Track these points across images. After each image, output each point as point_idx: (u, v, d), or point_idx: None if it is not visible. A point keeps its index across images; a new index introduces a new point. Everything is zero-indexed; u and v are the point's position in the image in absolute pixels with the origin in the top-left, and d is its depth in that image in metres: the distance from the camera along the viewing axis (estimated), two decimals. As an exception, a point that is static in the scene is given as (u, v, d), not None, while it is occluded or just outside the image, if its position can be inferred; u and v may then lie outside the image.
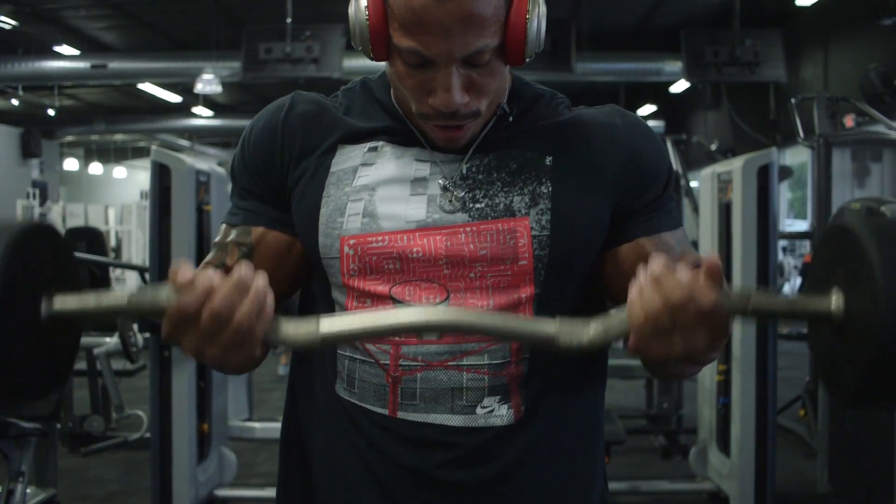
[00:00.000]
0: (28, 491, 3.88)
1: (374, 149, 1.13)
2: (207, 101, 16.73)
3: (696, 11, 12.68)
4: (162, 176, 3.40)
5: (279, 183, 1.15)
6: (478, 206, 1.08)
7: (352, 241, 1.08)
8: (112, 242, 11.47)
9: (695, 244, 4.46)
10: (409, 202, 1.08)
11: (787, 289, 11.92)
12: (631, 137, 1.14)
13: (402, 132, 1.13)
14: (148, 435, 4.13)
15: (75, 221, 12.03)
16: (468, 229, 1.07)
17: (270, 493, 4.22)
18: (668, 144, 5.33)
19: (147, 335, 3.45)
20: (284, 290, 1.19)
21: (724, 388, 3.78)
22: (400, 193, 1.09)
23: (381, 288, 1.07)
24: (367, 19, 1.00)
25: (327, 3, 11.51)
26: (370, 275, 1.08)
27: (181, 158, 3.45)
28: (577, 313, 1.07)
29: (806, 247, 11.26)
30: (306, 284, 1.20)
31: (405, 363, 1.07)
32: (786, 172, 9.45)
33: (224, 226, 1.19)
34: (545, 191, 1.09)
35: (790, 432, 5.23)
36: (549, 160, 1.11)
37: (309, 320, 0.95)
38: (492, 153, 1.11)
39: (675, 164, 5.18)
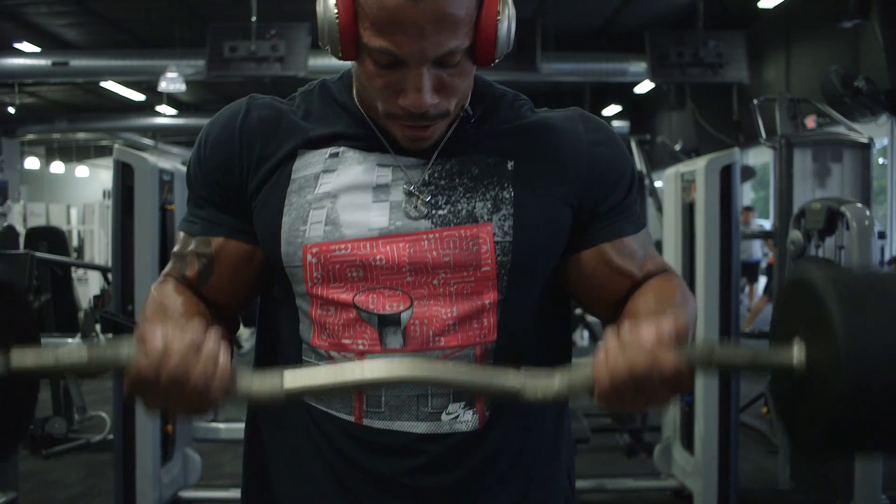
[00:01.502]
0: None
1: (336, 154, 1.11)
2: (171, 99, 16.58)
3: (661, 13, 12.78)
4: (125, 175, 3.37)
5: (238, 191, 1.13)
6: (440, 212, 1.08)
7: (314, 250, 1.07)
8: (74, 242, 11.35)
9: (658, 244, 4.50)
10: (372, 209, 1.08)
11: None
12: (593, 142, 1.14)
13: (364, 136, 1.12)
14: (111, 437, 4.09)
15: (37, 221, 11.88)
16: (431, 236, 1.07)
17: (235, 493, 4.19)
18: (633, 144, 5.38)
19: (110, 335, 3.40)
20: (246, 297, 1.19)
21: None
22: (362, 200, 1.08)
23: (345, 296, 1.07)
24: (336, 18, 0.98)
25: (292, 1, 11.48)
26: (333, 282, 1.07)
27: (144, 157, 3.41)
28: (541, 317, 1.08)
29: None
30: (267, 289, 1.19)
31: None
32: (749, 173, 9.57)
33: (182, 234, 1.18)
34: (507, 196, 1.09)
35: (753, 429, 5.30)
36: (510, 165, 1.11)
37: (273, 375, 0.94)
38: (454, 158, 1.11)
39: (640, 164, 5.23)
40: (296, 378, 0.93)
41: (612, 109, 18.28)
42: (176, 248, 1.18)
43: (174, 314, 1.08)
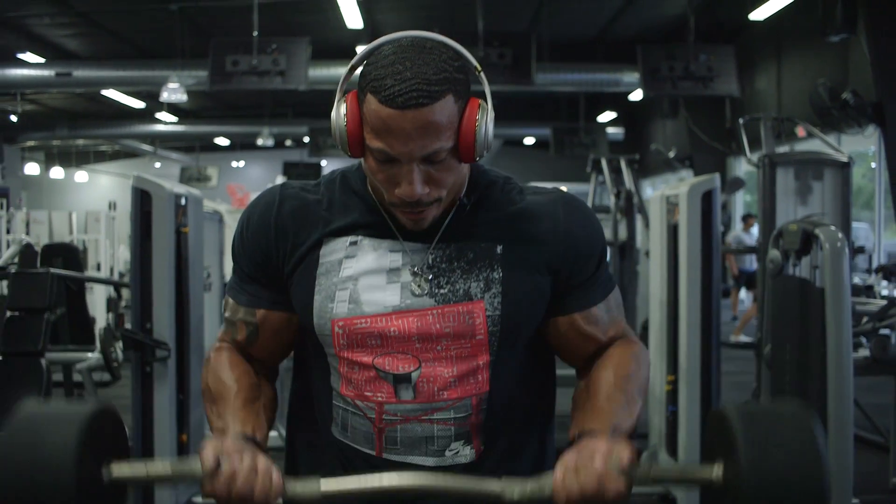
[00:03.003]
0: None
1: (355, 242, 1.33)
2: (171, 107, 16.78)
3: (654, 24, 13.02)
4: (143, 202, 3.59)
5: (275, 270, 1.36)
6: (441, 291, 1.30)
7: (341, 324, 1.30)
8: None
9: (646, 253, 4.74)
10: (386, 290, 1.30)
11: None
12: (570, 225, 1.35)
13: (376, 223, 1.33)
14: (131, 444, 4.29)
15: (40, 228, 12.04)
16: (434, 312, 1.29)
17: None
18: (622, 164, 5.61)
19: (131, 351, 3.62)
20: (285, 353, 1.44)
21: (673, 397, 4.05)
22: (378, 282, 1.30)
23: (366, 359, 1.30)
24: (345, 124, 1.21)
25: (292, 14, 11.70)
26: (356, 348, 1.30)
27: (161, 185, 3.63)
28: (526, 368, 1.33)
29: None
30: (301, 343, 1.42)
31: (388, 417, 1.31)
32: (738, 184, 9.78)
33: (231, 301, 1.41)
34: (496, 276, 1.30)
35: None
36: (499, 249, 1.32)
37: (310, 481, 1.19)
38: (452, 244, 1.32)
39: (628, 182, 5.45)
40: (329, 484, 1.19)
41: (606, 116, 18.45)
42: (227, 314, 1.42)
43: (230, 399, 1.33)
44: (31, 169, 21.32)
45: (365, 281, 1.30)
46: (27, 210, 13.18)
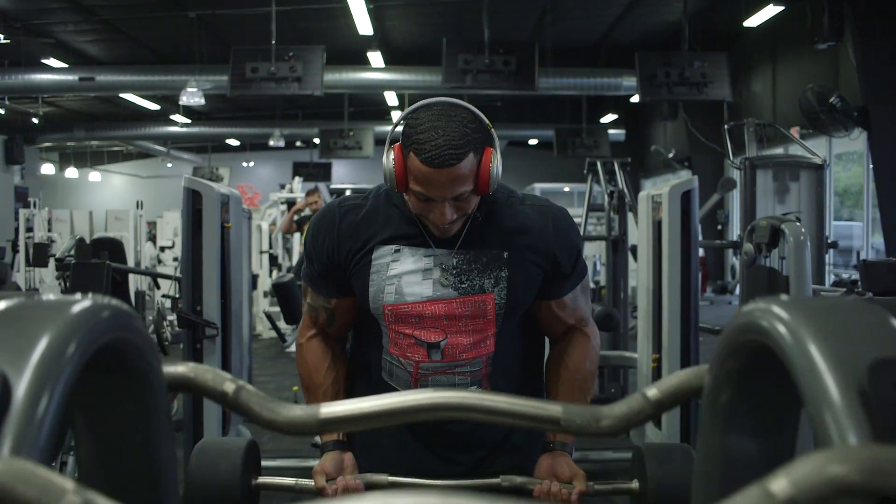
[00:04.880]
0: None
1: (398, 250, 1.82)
2: (185, 108, 17.29)
3: (652, 30, 13.52)
4: (194, 200, 4.11)
5: (340, 270, 1.87)
6: (463, 285, 1.81)
7: (390, 308, 1.83)
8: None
9: (634, 248, 5.25)
10: (422, 285, 1.81)
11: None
12: (557, 234, 1.86)
13: (413, 234, 1.82)
14: (181, 417, 4.83)
15: (62, 227, 12.56)
16: (457, 301, 1.81)
17: (276, 463, 4.96)
18: (616, 166, 6.12)
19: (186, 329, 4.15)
20: (351, 326, 1.98)
21: (657, 373, 4.56)
22: (416, 279, 1.81)
23: (408, 331, 1.83)
24: (393, 170, 1.71)
25: (306, 21, 12.22)
26: (401, 324, 1.84)
27: (210, 185, 4.16)
28: (521, 337, 1.92)
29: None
30: (360, 317, 1.95)
31: (422, 371, 1.84)
32: (731, 184, 10.30)
33: (311, 290, 1.94)
34: (504, 275, 1.82)
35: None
36: (505, 255, 1.82)
37: (379, 475, 1.75)
38: (471, 250, 1.82)
39: (621, 183, 5.97)
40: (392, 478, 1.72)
41: (609, 118, 18.88)
42: (308, 300, 1.96)
43: (319, 395, 1.88)
44: (47, 169, 21.84)
45: (406, 278, 1.82)
46: (49, 209, 13.70)
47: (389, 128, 1.79)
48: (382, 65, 13.02)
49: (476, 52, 9.86)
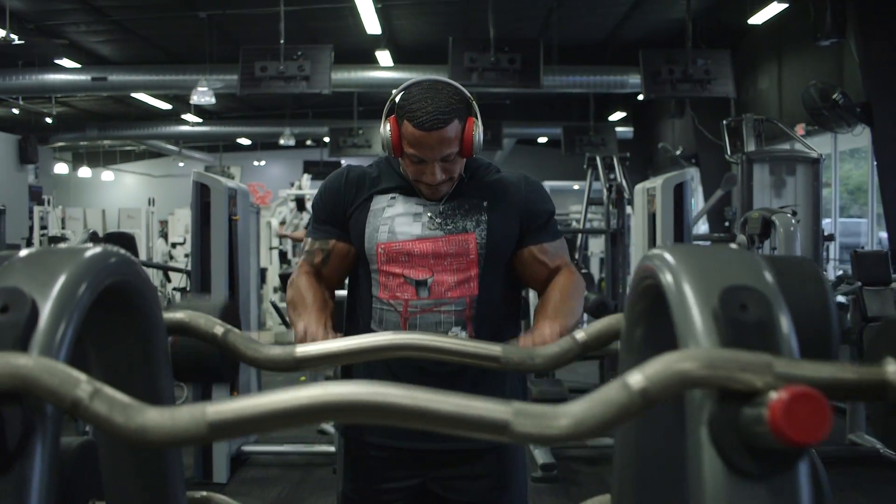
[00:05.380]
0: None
1: (394, 198, 2.06)
2: (196, 108, 17.47)
3: (658, 27, 13.61)
4: (203, 194, 4.26)
5: (342, 216, 2.08)
6: (448, 226, 2.02)
7: (382, 247, 2.01)
8: (111, 244, 12.16)
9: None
10: (412, 225, 2.01)
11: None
12: (528, 193, 2.09)
13: (407, 189, 2.06)
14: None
15: (75, 224, 12.74)
16: (443, 239, 2.00)
17: (287, 447, 5.12)
18: (615, 161, 6.24)
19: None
20: (345, 273, 2.14)
21: (653, 361, 4.69)
22: (407, 221, 2.02)
23: (398, 270, 2.01)
24: (390, 137, 1.94)
25: (315, 21, 12.37)
26: (392, 263, 2.01)
27: (218, 179, 4.31)
28: (502, 282, 2.02)
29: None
30: (354, 267, 2.12)
31: (411, 309, 2.00)
32: (734, 180, 10.42)
33: (309, 239, 2.13)
34: (483, 218, 2.03)
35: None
36: (485, 203, 2.05)
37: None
38: (455, 200, 2.05)
39: (619, 177, 6.09)
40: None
41: (616, 115, 18.94)
42: (306, 248, 2.13)
43: (309, 305, 1.99)
44: (60, 168, 22.07)
45: (399, 220, 2.02)
46: (63, 207, 13.90)
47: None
48: (391, 63, 13.16)
49: (482, 50, 9.98)
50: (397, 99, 1.97)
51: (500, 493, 2.05)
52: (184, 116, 18.42)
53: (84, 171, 23.50)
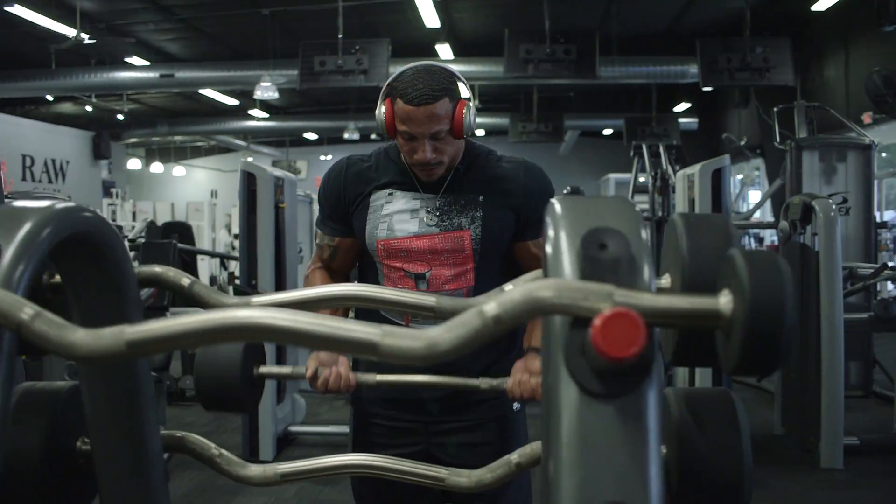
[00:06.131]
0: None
1: (391, 194, 2.10)
2: (263, 103, 17.80)
3: (720, 16, 13.45)
4: (249, 182, 4.42)
5: (344, 212, 2.14)
6: (444, 223, 2.07)
7: (382, 243, 2.08)
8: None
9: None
10: (410, 222, 2.07)
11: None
12: (527, 182, 2.10)
13: (404, 182, 2.09)
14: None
15: (144, 217, 13.12)
16: (439, 236, 2.05)
17: (332, 429, 5.27)
18: (661, 149, 6.25)
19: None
20: (352, 265, 2.23)
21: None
22: (405, 217, 2.08)
23: (398, 264, 2.08)
24: (384, 117, 1.99)
25: (373, 15, 12.54)
26: (392, 258, 2.09)
27: (264, 168, 4.46)
28: (497, 274, 2.09)
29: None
30: (362, 259, 2.21)
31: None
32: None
33: (320, 232, 2.22)
34: (479, 215, 2.08)
35: (766, 391, 6.11)
36: (481, 198, 2.08)
37: (368, 375, 1.88)
38: (451, 195, 2.08)
39: (665, 164, 6.10)
40: (381, 378, 1.86)
41: (681, 107, 18.75)
42: (318, 240, 2.23)
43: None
44: (133, 164, 22.71)
45: (397, 217, 2.09)
46: (133, 201, 14.34)
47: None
48: (451, 57, 13.26)
49: (537, 41, 10.02)
50: (393, 82, 2.01)
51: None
52: (250, 112, 18.81)
53: (156, 167, 24.14)
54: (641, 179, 6.96)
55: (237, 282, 4.51)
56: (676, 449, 1.03)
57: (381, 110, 2.00)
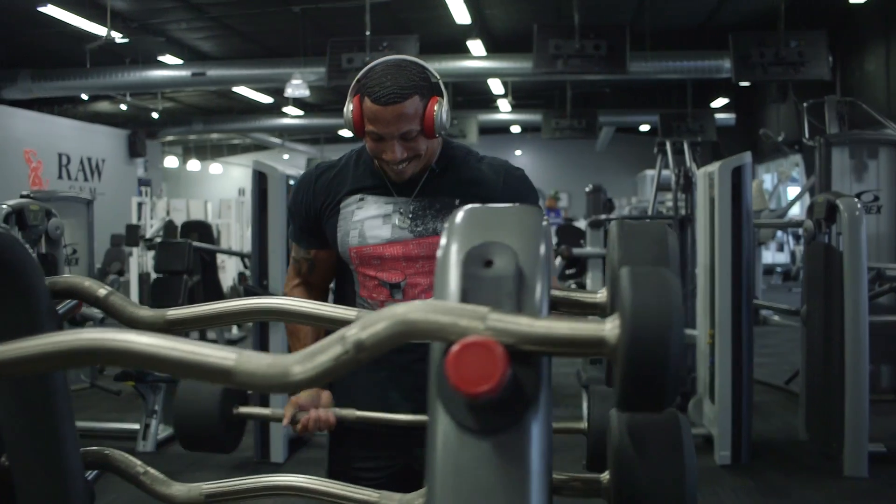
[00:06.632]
0: (160, 427, 4.94)
1: (363, 199, 2.02)
2: (297, 101, 17.84)
3: (756, 10, 13.21)
4: (260, 181, 4.38)
5: (317, 222, 2.05)
6: (418, 229, 1.98)
7: (354, 250, 1.99)
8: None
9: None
10: (382, 228, 1.98)
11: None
12: (506, 188, 2.00)
13: (377, 186, 2.00)
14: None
15: (179, 215, 13.19)
16: (413, 242, 1.97)
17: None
18: (685, 146, 6.13)
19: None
20: (331, 277, 2.13)
21: (713, 349, 4.59)
22: (377, 223, 1.99)
23: (371, 272, 2.00)
24: (352, 116, 1.89)
25: (403, 12, 12.49)
26: (365, 266, 2.00)
27: (275, 167, 4.42)
28: None
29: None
30: (339, 268, 2.11)
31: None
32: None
33: (295, 245, 2.12)
34: None
35: (794, 394, 5.95)
36: (457, 202, 1.97)
37: (348, 411, 1.89)
38: (426, 198, 1.99)
39: (689, 162, 5.97)
40: (360, 414, 1.88)
41: (718, 102, 18.48)
42: (293, 254, 2.13)
43: (301, 338, 2.02)
44: (170, 162, 22.91)
45: (368, 223, 2.00)
46: (168, 199, 14.43)
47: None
48: (483, 53, 13.17)
49: (567, 37, 9.90)
50: (362, 78, 1.91)
51: None
52: (285, 109, 18.86)
53: (193, 164, 24.33)
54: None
55: (248, 281, 4.46)
56: (615, 477, 0.95)
57: (349, 108, 1.90)
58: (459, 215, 0.79)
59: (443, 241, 0.76)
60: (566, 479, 1.04)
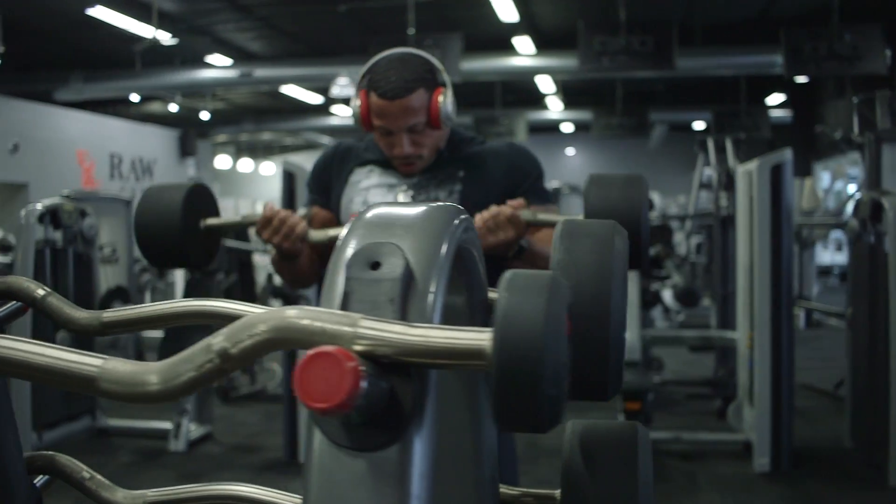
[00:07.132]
0: (191, 427, 4.94)
1: (372, 171, 2.06)
2: (345, 100, 17.89)
3: (811, 3, 12.90)
4: (289, 181, 4.35)
5: (328, 188, 2.09)
6: (420, 197, 1.98)
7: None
8: (259, 233, 12.70)
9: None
10: (385, 196, 2.01)
11: None
12: (511, 156, 2.04)
13: (384, 163, 2.06)
14: (280, 391, 5.13)
15: (226, 214, 13.28)
16: None
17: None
18: (727, 143, 5.98)
19: (280, 302, 4.40)
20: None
21: (752, 352, 4.45)
22: (381, 192, 2.02)
23: None
24: (359, 111, 1.90)
25: (450, 10, 12.41)
26: None
27: (303, 167, 4.38)
28: None
29: None
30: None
31: None
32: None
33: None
34: (457, 189, 1.99)
35: (840, 399, 5.75)
36: (461, 174, 2.00)
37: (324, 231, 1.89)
38: (431, 171, 2.01)
39: (730, 159, 5.82)
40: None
41: (775, 99, 18.11)
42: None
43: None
44: (222, 161, 23.13)
45: (374, 191, 2.03)
46: (217, 198, 14.57)
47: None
48: (532, 51, 13.07)
49: (612, 33, 9.76)
50: (367, 73, 1.95)
51: None
52: (333, 109, 18.92)
53: (244, 164, 24.54)
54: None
55: (275, 283, 4.43)
56: (565, 495, 0.87)
57: (355, 103, 1.92)
58: (364, 215, 0.71)
59: (338, 241, 0.69)
60: (518, 495, 0.96)
